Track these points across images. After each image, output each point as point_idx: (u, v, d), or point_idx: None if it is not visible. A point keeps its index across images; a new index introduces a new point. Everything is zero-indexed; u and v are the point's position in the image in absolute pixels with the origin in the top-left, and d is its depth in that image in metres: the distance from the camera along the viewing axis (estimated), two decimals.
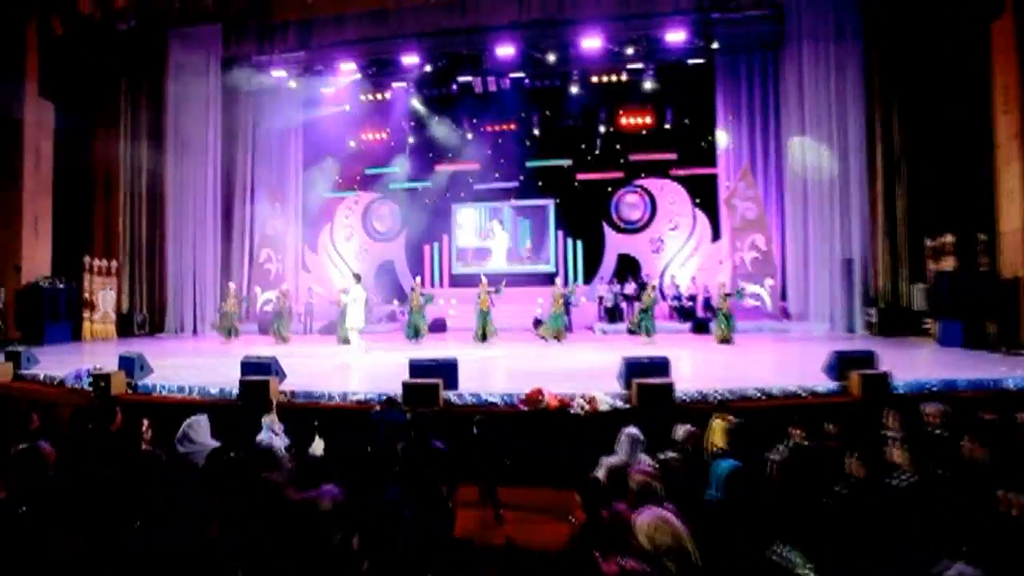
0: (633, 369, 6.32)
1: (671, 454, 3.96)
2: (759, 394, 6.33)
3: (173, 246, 15.63)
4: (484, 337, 12.66)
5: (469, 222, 19.76)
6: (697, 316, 15.28)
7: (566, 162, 19.18)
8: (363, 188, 19.80)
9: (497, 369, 8.90)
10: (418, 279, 13.91)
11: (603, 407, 5.82)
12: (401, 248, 19.61)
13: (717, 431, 4.38)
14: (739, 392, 6.30)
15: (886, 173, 12.66)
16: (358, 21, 14.98)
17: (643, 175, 18.31)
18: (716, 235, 16.98)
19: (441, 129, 18.43)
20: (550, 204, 19.33)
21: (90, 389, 7.54)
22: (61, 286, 13.37)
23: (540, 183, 19.44)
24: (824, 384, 6.62)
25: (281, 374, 6.98)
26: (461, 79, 16.74)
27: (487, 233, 19.47)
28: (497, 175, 19.67)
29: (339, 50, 15.56)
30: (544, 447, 5.72)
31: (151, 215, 15.89)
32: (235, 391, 6.78)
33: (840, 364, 6.62)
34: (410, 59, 15.46)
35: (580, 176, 19.07)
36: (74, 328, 13.81)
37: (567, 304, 13.54)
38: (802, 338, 12.53)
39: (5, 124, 13.22)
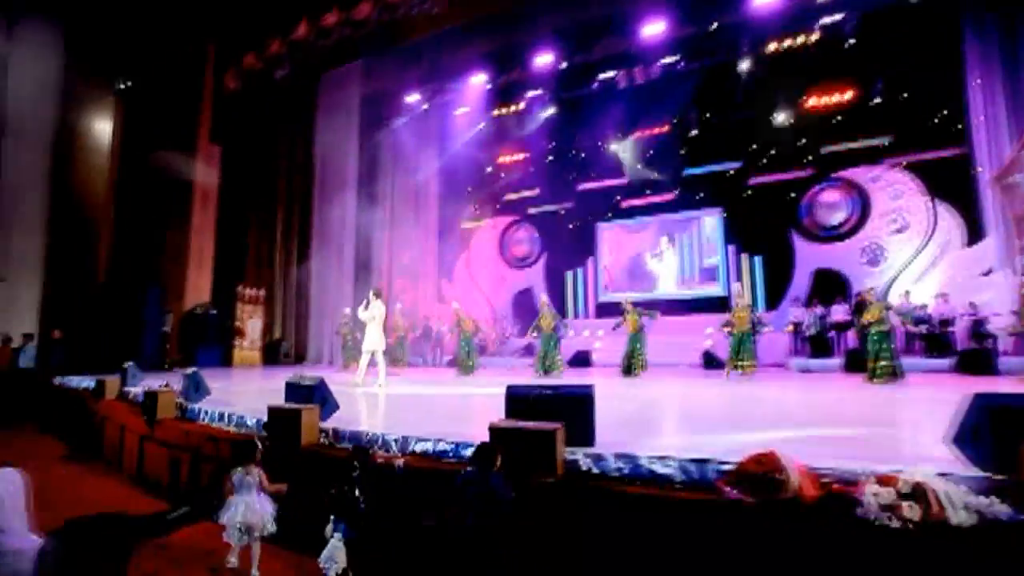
0: (998, 419, 2.58)
1: None
2: None
3: (317, 277, 15.14)
4: (630, 370, 9.27)
5: (617, 244, 16.64)
6: (956, 347, 10.03)
7: (734, 165, 15.26)
8: (500, 213, 17.98)
9: (662, 415, 5.43)
10: (544, 296, 11.05)
11: (958, 515, 2.20)
12: (540, 275, 17.14)
13: None
14: None
15: None
16: (487, 28, 13.38)
17: (842, 168, 13.55)
18: (974, 236, 11.46)
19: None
20: (716, 216, 15.41)
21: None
22: (214, 313, 13.25)
23: (701, 193, 15.71)
24: None
25: (330, 404, 4.55)
26: (602, 76, 14.14)
27: (655, 253, 16.01)
28: (648, 190, 16.44)
29: (470, 62, 14.12)
30: None
31: (300, 247, 15.72)
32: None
33: None
34: (544, 59, 13.37)
35: (753, 180, 14.94)
36: (224, 354, 13.62)
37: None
38: None
39: (181, 168, 13.89)
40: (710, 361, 11.81)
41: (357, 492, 3.49)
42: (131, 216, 13.61)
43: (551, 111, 15.65)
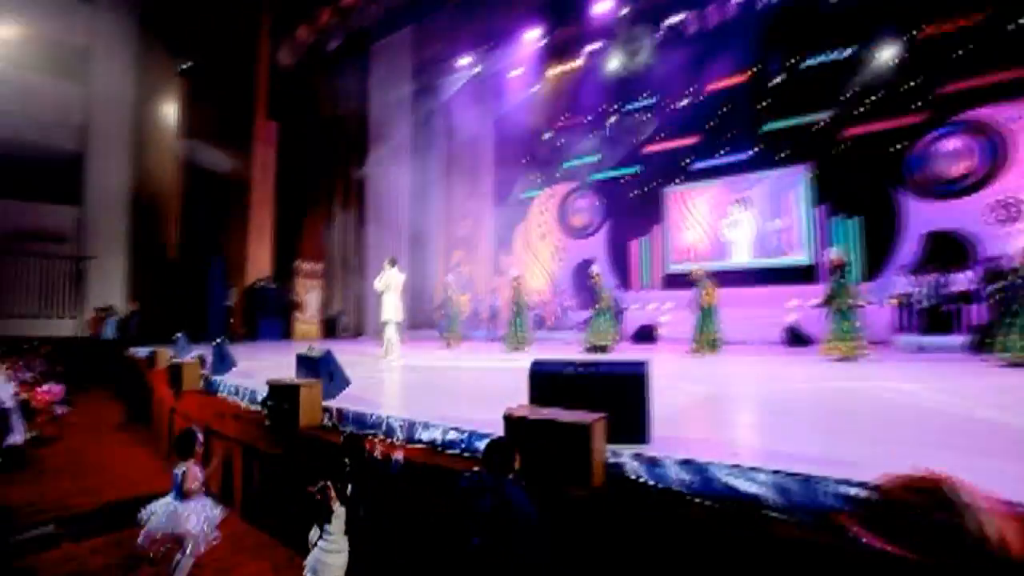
0: None
1: None
2: None
3: (373, 250, 14.94)
4: (714, 345, 8.13)
5: (686, 210, 15.07)
6: None
7: (824, 115, 13.14)
8: (559, 181, 16.86)
9: (744, 405, 4.25)
10: (595, 268, 9.93)
11: None
12: (602, 245, 15.95)
13: None
14: None
15: None
16: None
17: (967, 109, 11.18)
18: None
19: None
20: (802, 174, 13.44)
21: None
22: (273, 287, 13.36)
23: (785, 151, 13.73)
24: None
25: (338, 379, 3.90)
26: (668, 20, 12.52)
27: (730, 218, 14.32)
28: (723, 151, 14.62)
29: (524, 16, 13.00)
30: None
31: (356, 221, 15.55)
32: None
33: None
34: (603, 5, 12.00)
35: (849, 131, 12.79)
36: (285, 327, 13.76)
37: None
38: None
39: (240, 143, 13.98)
40: (795, 337, 10.34)
41: (350, 490, 2.82)
42: (197, 193, 13.93)
43: (612, 67, 14.19)
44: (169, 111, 14.65)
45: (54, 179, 14.57)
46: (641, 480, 2.27)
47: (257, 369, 6.13)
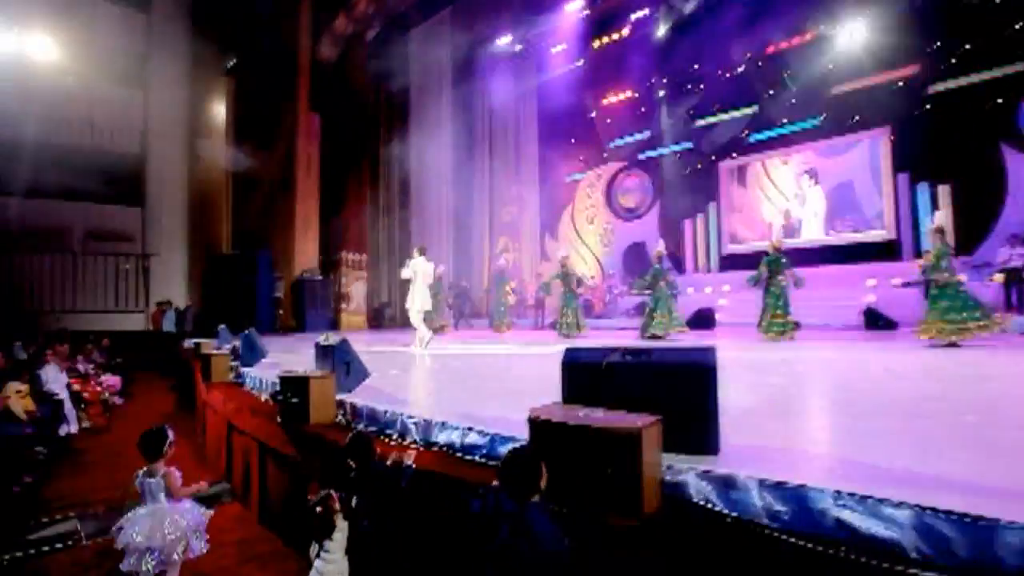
0: None
1: None
2: None
3: (416, 240, 14.74)
4: (783, 329, 7.26)
5: (745, 185, 13.87)
6: None
7: (907, 71, 11.59)
8: (607, 161, 15.97)
9: (842, 404, 3.28)
10: (661, 247, 9.00)
11: None
12: (654, 226, 15.00)
13: None
14: None
15: None
16: None
17: None
18: None
19: None
20: (880, 139, 11.97)
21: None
22: (319, 278, 13.41)
23: (856, 116, 12.28)
24: None
25: (356, 370, 3.50)
26: None
27: (797, 192, 13.05)
28: (785, 120, 13.30)
29: None
30: None
31: (400, 211, 15.41)
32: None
33: None
34: None
35: (935, 87, 11.22)
36: (333, 318, 13.82)
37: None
38: None
39: (285, 137, 14.09)
40: (873, 320, 9.17)
41: (355, 501, 2.40)
42: (245, 188, 14.18)
43: (660, 34, 13.16)
44: (219, 110, 14.99)
45: (121, 182, 15.30)
46: (710, 507, 1.69)
47: (287, 360, 5.90)
